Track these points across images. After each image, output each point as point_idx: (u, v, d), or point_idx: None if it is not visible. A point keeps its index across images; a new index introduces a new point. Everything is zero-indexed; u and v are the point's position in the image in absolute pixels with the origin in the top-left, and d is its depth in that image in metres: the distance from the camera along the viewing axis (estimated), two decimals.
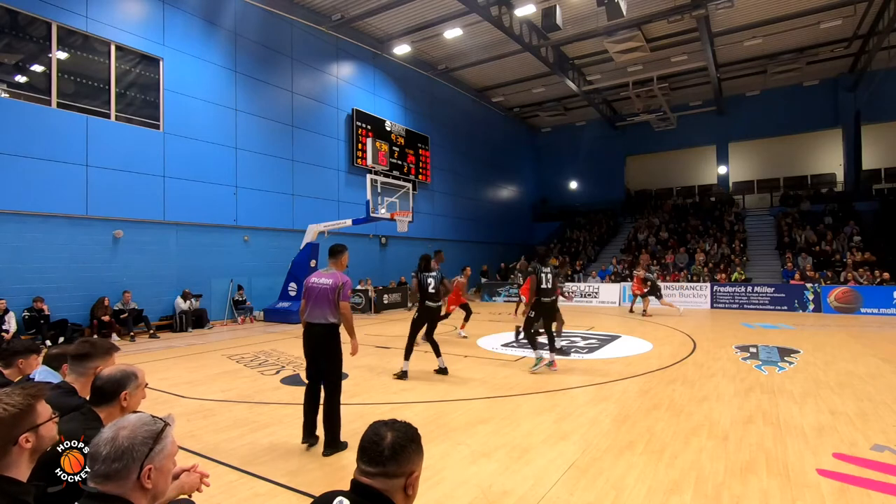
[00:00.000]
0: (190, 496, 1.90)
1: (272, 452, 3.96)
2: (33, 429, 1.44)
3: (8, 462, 1.39)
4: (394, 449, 1.34)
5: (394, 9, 15.72)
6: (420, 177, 19.91)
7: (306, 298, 4.23)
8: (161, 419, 1.41)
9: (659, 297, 14.29)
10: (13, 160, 9.68)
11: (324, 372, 4.12)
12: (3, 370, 3.14)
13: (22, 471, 1.42)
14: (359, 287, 16.13)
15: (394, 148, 18.56)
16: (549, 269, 7.17)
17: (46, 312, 9.75)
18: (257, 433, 4.44)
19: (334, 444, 3.94)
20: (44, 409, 1.50)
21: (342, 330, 4.27)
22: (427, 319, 6.80)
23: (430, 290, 6.71)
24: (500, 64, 20.23)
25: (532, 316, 7.07)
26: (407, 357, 6.53)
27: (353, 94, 17.39)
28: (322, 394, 4.11)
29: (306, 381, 4.25)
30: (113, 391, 2.03)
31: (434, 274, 6.81)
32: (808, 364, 7.05)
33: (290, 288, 13.29)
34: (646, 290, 14.15)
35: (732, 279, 16.93)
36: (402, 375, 6.45)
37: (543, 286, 6.89)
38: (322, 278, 4.24)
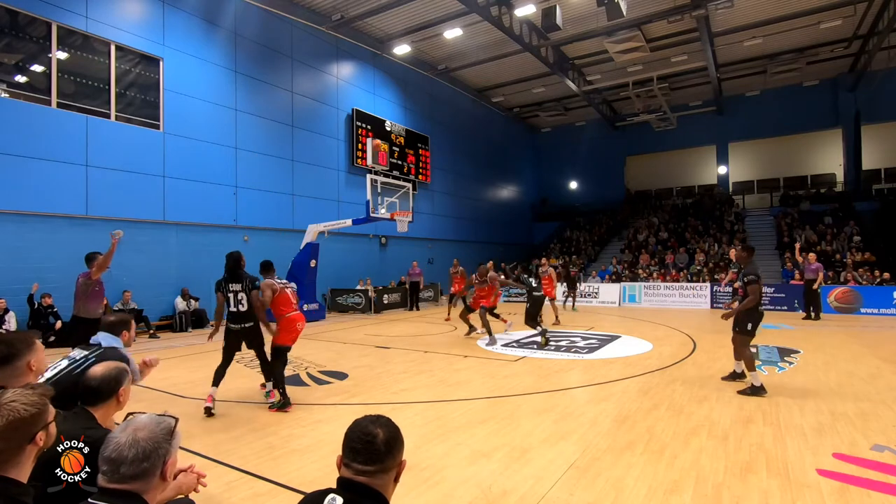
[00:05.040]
0: (188, 496, 1.91)
1: (272, 452, 3.96)
2: (45, 427, 1.47)
3: (18, 461, 1.42)
4: (388, 444, 1.37)
5: (394, 9, 15.72)
6: (420, 177, 19.90)
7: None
8: (168, 416, 1.47)
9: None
10: (13, 160, 9.68)
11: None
12: None
13: (26, 470, 1.44)
14: (359, 287, 16.14)
15: (394, 148, 18.55)
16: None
17: (55, 308, 9.87)
18: (257, 433, 4.43)
19: None
20: (51, 407, 1.52)
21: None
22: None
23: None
24: (500, 64, 20.22)
25: None
26: None
27: (353, 94, 17.39)
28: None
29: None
30: (111, 390, 2.06)
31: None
32: (808, 364, 7.04)
33: None
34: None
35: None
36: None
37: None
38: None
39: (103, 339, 2.95)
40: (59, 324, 9.79)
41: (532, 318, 8.78)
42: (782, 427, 4.37)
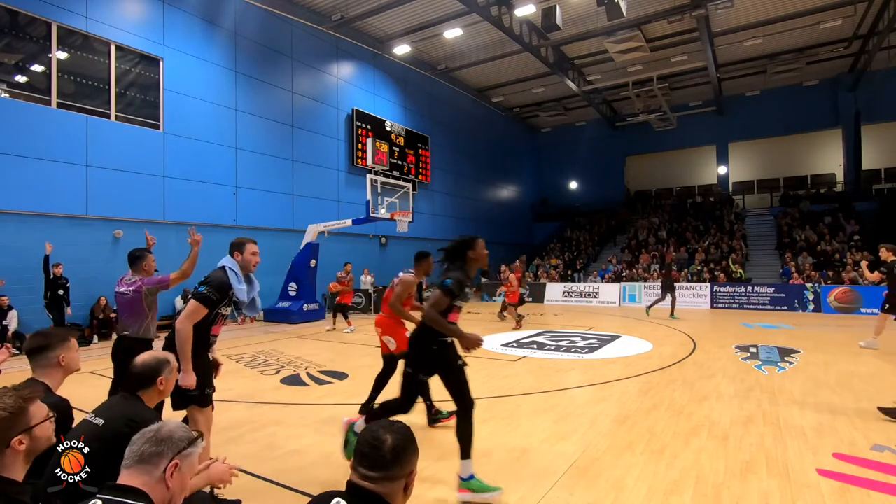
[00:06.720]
0: (213, 489, 1.95)
1: (272, 452, 3.96)
2: (27, 431, 1.44)
3: (1, 464, 1.39)
4: (395, 452, 1.33)
5: (394, 9, 15.72)
6: (420, 177, 19.90)
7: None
8: (197, 432, 1.56)
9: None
10: (13, 160, 9.68)
11: None
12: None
13: (17, 471, 1.43)
14: (363, 277, 16.10)
15: (394, 148, 18.55)
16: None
17: (67, 282, 9.77)
18: (257, 433, 4.43)
19: None
20: (38, 411, 1.50)
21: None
22: None
23: None
24: (500, 64, 20.22)
25: None
26: None
27: (353, 94, 17.39)
28: None
29: None
30: (150, 377, 2.19)
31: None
32: (808, 364, 7.04)
33: (290, 288, 13.29)
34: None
35: (731, 272, 16.97)
36: None
37: None
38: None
39: (225, 260, 3.37)
40: (69, 310, 9.77)
41: None
42: (782, 427, 4.37)
